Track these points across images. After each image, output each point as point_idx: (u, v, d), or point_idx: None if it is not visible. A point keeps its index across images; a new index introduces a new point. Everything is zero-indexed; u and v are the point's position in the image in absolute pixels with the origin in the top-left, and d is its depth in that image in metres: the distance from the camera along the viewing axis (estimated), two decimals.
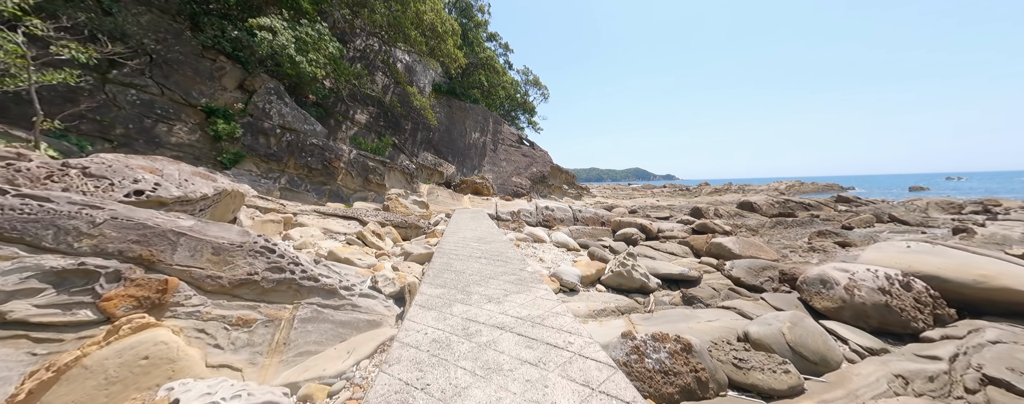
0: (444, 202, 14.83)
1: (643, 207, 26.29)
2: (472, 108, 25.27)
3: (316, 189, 11.45)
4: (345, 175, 12.28)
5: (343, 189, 12.13)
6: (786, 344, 3.49)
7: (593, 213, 16.30)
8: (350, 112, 20.79)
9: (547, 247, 8.38)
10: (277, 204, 6.52)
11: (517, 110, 30.67)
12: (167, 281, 2.42)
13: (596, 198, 27.15)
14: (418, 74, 25.20)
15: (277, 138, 11.23)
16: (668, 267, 7.06)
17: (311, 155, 11.69)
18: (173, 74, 9.97)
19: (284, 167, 11.15)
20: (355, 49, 22.83)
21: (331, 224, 6.62)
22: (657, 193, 50.82)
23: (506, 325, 2.63)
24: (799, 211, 22.07)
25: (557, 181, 25.94)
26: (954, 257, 5.27)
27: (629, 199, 32.74)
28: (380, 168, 13.25)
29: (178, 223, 2.73)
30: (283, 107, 11.75)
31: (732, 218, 20.12)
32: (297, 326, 2.69)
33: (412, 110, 22.80)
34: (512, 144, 25.65)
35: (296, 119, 12.01)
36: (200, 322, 2.42)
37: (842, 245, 12.12)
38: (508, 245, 6.16)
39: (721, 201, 31.46)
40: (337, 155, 12.15)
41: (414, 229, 7.70)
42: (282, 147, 11.24)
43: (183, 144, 9.61)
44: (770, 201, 22.41)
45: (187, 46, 10.45)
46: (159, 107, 9.54)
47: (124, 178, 3.65)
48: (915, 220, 16.29)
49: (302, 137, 11.82)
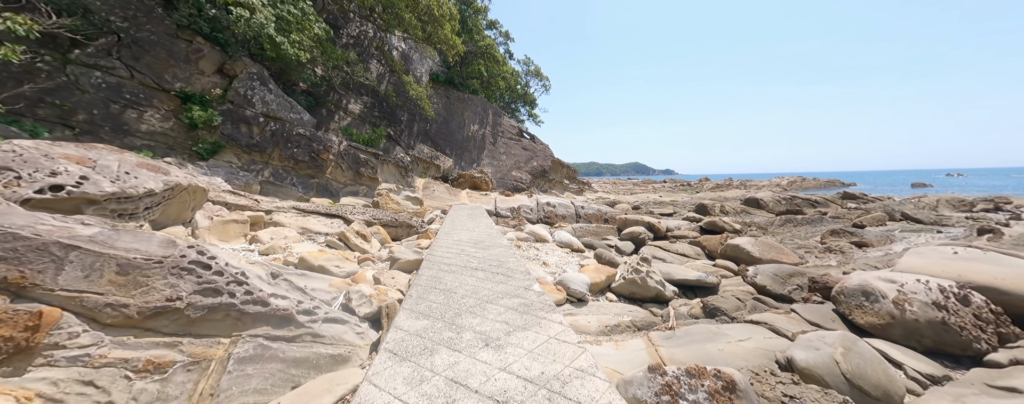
0: (441, 197, 14.14)
1: (646, 203, 25.68)
2: (471, 99, 24.42)
3: (303, 183, 10.72)
4: (335, 168, 11.55)
5: (332, 183, 11.40)
6: (841, 375, 2.87)
7: (596, 210, 15.66)
8: (343, 101, 19.94)
9: (550, 248, 7.74)
10: (251, 200, 5.82)
11: (517, 102, 29.79)
12: (41, 313, 1.75)
13: (598, 194, 26.51)
14: (415, 63, 24.29)
15: (260, 127, 10.46)
16: (683, 272, 6.42)
17: (298, 146, 10.94)
18: (144, 56, 9.16)
19: (268, 159, 10.41)
20: (348, 35, 21.88)
21: (311, 223, 5.93)
22: (658, 189, 50.26)
23: (510, 396, 1.85)
24: (806, 208, 21.52)
25: (558, 176, 25.24)
26: (1013, 266, 4.64)
27: (631, 195, 32.12)
28: (372, 161, 12.52)
29: (72, 232, 2.04)
30: (267, 94, 10.96)
31: (739, 215, 19.54)
32: (232, 369, 2.03)
33: (408, 100, 21.97)
34: (512, 137, 24.87)
35: (281, 107, 11.23)
36: (88, 370, 1.75)
37: (859, 245, 11.52)
38: (509, 250, 5.50)
39: (725, 197, 30.91)
40: (326, 146, 11.41)
41: (405, 228, 7.03)
42: (266, 137, 10.48)
43: (155, 132, 8.84)
44: (776, 198, 21.84)
45: (160, 25, 9.61)
46: (128, 91, 8.75)
47: (38, 170, 2.95)
48: (928, 218, 15.73)
49: (288, 127, 11.05)
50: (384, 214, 7.06)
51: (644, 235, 10.04)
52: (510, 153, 24.26)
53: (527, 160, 24.25)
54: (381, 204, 8.02)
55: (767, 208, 20.46)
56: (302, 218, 5.89)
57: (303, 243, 4.96)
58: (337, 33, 21.64)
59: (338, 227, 6.22)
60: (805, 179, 55.16)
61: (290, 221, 5.67)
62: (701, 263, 7.87)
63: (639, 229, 10.28)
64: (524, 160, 24.07)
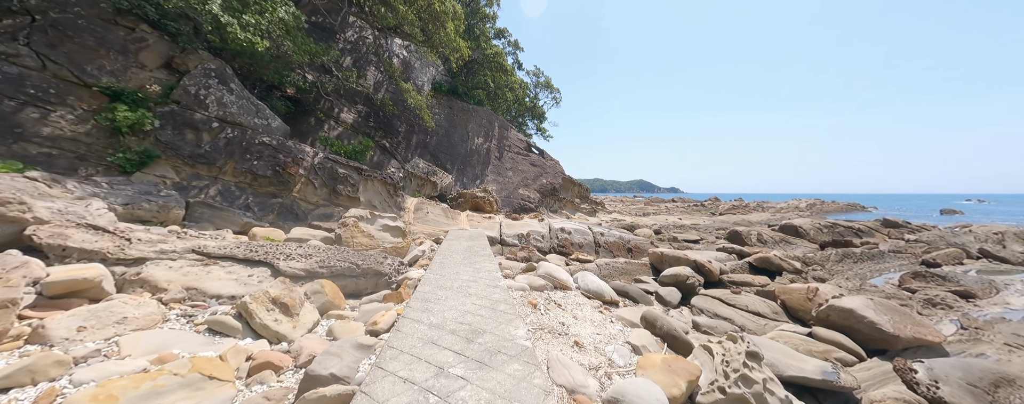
0: (435, 221, 11.95)
1: (665, 226, 23.33)
2: (476, 110, 22.58)
3: (260, 203, 8.60)
4: (305, 185, 9.45)
5: (300, 203, 9.28)
6: None
7: (618, 237, 13.36)
8: (334, 110, 18.13)
9: (575, 301, 5.48)
10: (117, 239, 3.69)
11: (525, 115, 27.92)
12: None
13: (612, 215, 24.22)
14: (417, 71, 22.63)
15: (212, 134, 8.45)
16: (796, 364, 4.14)
17: (259, 158, 8.89)
18: (64, 42, 7.27)
19: (218, 173, 8.34)
20: (346, 41, 20.34)
21: (213, 278, 3.76)
22: (670, 209, 47.86)
23: None
24: (851, 237, 19.06)
25: (569, 194, 23.04)
26: None
27: (645, 216, 29.80)
28: (353, 177, 10.42)
29: None
30: (226, 94, 9.01)
31: (778, 245, 17.19)
32: None
33: (406, 110, 20.13)
34: (520, 152, 22.85)
35: (244, 110, 9.26)
36: None
37: (962, 296, 9.08)
38: (521, 328, 3.24)
39: (749, 221, 28.42)
40: (296, 158, 9.35)
41: (372, 278, 4.83)
42: (218, 146, 8.45)
43: (61, 138, 6.82)
44: (816, 225, 19.39)
45: (93, 8, 7.78)
46: (33, 85, 6.80)
47: None
48: (1016, 258, 13.25)
49: (250, 134, 9.04)
50: (342, 256, 4.86)
51: (692, 279, 7.73)
52: (517, 169, 22.19)
53: (535, 177, 22.14)
54: (345, 238, 5.83)
55: (807, 237, 18.06)
56: (199, 270, 3.74)
57: (161, 330, 2.76)
58: (332, 38, 20.10)
59: (261, 281, 4.03)
60: (825, 202, 52.56)
61: (173, 277, 3.52)
62: (789, 331, 5.56)
63: (684, 271, 7.97)
64: (532, 177, 21.96)
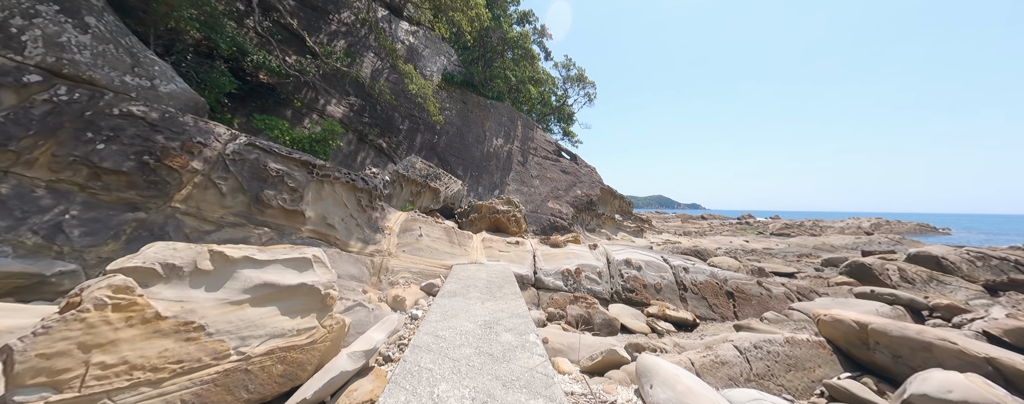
0: (433, 249, 7.70)
1: (731, 250, 18.45)
2: (494, 106, 18.66)
3: (96, 220, 4.64)
4: (203, 187, 5.47)
5: (188, 221, 5.27)
6: None
7: (708, 276, 8.75)
8: (319, 100, 14.42)
9: None
10: None
11: (551, 115, 23.86)
12: None
13: (663, 235, 19.46)
14: (425, 60, 18.97)
15: (25, 93, 4.59)
16: None
17: (114, 139, 4.96)
18: None
19: (14, 162, 4.42)
20: (340, 22, 16.92)
21: None
22: (712, 226, 42.43)
23: None
24: (1014, 274, 13.72)
25: (608, 210, 18.54)
26: None
27: (686, 235, 24.81)
28: (297, 175, 6.41)
29: None
30: (77, 34, 5.22)
31: (928, 285, 12.20)
32: None
33: (408, 101, 16.32)
34: (548, 156, 18.66)
35: (106, 61, 5.43)
36: None
37: None
38: None
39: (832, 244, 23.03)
40: (189, 142, 5.41)
41: None
42: (32, 115, 4.57)
43: None
44: (964, 256, 14.18)
45: None
46: None
47: None
48: None
49: (107, 100, 5.17)
50: None
51: None
52: (545, 177, 17.94)
53: (568, 187, 17.81)
54: (57, 351, 1.60)
55: (959, 272, 12.96)
56: None
57: None
58: (325, 18, 16.72)
59: None
60: (890, 222, 45.91)
61: None
62: None
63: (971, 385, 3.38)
64: (564, 187, 17.64)
